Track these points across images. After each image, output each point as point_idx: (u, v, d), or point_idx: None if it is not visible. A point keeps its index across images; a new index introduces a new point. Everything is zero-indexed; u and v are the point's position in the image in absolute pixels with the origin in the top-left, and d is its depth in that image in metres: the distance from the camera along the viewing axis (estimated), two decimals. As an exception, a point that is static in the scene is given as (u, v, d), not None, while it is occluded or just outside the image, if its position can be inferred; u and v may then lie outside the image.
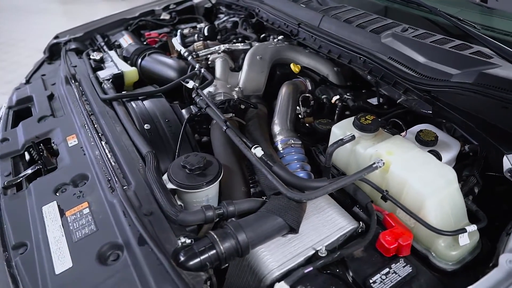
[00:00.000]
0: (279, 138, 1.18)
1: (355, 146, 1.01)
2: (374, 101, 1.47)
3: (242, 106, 1.24)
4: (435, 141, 1.05)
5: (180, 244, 0.80)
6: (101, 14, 2.20)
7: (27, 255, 0.85)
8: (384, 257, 0.85)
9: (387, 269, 0.82)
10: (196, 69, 1.43)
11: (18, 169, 1.19)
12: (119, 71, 1.49)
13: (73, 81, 1.47)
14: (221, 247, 0.78)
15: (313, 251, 0.87)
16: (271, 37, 1.69)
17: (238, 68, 1.55)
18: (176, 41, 1.71)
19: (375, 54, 1.27)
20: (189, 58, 1.51)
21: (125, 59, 1.69)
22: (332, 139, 1.09)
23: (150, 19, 2.19)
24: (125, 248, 0.82)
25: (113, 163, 1.04)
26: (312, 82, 1.48)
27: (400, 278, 0.81)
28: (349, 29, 1.38)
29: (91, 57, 1.60)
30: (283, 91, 1.37)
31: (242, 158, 1.11)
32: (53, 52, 1.94)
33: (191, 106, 1.30)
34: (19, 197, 1.04)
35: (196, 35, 1.87)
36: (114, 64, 1.57)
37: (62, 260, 0.82)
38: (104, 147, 1.11)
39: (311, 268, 0.81)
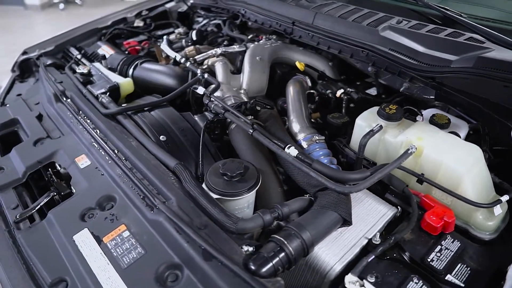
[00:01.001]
0: (301, 136, 1.18)
1: (383, 136, 1.04)
2: (371, 91, 1.53)
3: (258, 108, 1.23)
4: (449, 123, 1.12)
5: (244, 253, 0.77)
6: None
7: (72, 291, 0.78)
8: (432, 236, 0.89)
9: (439, 247, 0.86)
10: (199, 74, 1.38)
11: (23, 200, 1.07)
12: (114, 83, 1.39)
13: (64, 98, 1.35)
14: (290, 249, 0.77)
15: (366, 240, 0.89)
16: (264, 37, 1.68)
17: (237, 71, 1.53)
18: (167, 48, 1.64)
19: (376, 47, 1.32)
20: (188, 64, 1.46)
21: (110, 70, 1.58)
22: (357, 131, 1.11)
23: (125, 27, 2.08)
24: (185, 267, 0.78)
25: (142, 180, 0.97)
26: (309, 79, 1.50)
27: (453, 253, 0.85)
28: (345, 24, 1.42)
29: (77, 70, 1.48)
30: (291, 89, 1.37)
31: (270, 159, 1.11)
32: (23, 69, 1.76)
33: (205, 113, 1.25)
34: (38, 230, 0.94)
35: (183, 40, 1.80)
36: (104, 77, 1.46)
37: (117, 289, 0.76)
38: (125, 164, 1.03)
39: (373, 256, 0.83)
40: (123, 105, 1.33)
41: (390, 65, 1.29)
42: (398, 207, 0.97)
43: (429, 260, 0.83)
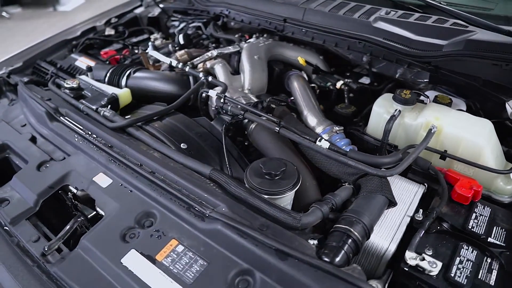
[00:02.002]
0: (319, 129, 1.20)
1: (402, 120, 1.09)
2: (363, 80, 1.59)
3: (273, 106, 1.22)
4: (451, 103, 1.21)
5: (314, 247, 0.78)
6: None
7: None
8: (463, 205, 0.96)
9: (474, 214, 0.93)
10: (202, 78, 1.34)
11: (41, 230, 0.97)
12: (113, 95, 1.30)
13: (59, 116, 1.23)
14: (356, 234, 0.79)
15: (409, 218, 0.93)
16: (254, 36, 1.67)
17: (235, 71, 1.51)
18: (158, 54, 1.56)
19: (371, 37, 1.39)
20: (187, 68, 1.40)
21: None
22: (375, 117, 1.16)
23: (98, 37, 1.94)
24: (256, 270, 0.76)
25: (180, 191, 0.92)
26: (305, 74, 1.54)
27: (487, 218, 0.92)
28: (337, 18, 1.47)
29: (65, 85, 1.35)
30: (296, 84, 1.39)
31: (298, 154, 1.11)
32: (-9, 89, 1.58)
33: (221, 116, 1.22)
34: (75, 259, 0.85)
35: (169, 45, 1.73)
36: (97, 89, 1.36)
37: (192, 306, 0.72)
38: (156, 177, 0.97)
39: (423, 232, 0.87)
40: (126, 117, 1.25)
41: (388, 53, 1.36)
42: (425, 184, 1.03)
43: (470, 227, 0.89)
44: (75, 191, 1.03)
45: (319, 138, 1.02)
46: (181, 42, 1.66)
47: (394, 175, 1.03)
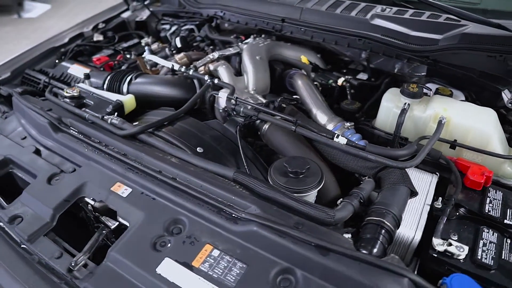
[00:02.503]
0: (331, 126, 1.22)
1: (412, 113, 1.13)
2: (360, 76, 1.63)
3: (284, 105, 1.23)
4: (452, 94, 1.26)
5: (351, 240, 0.79)
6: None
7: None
8: (476, 191, 1.01)
9: (488, 199, 0.98)
10: (208, 81, 1.33)
11: (60, 245, 0.93)
12: (118, 102, 1.26)
13: (63, 126, 1.18)
14: (388, 224, 0.81)
15: (429, 206, 0.97)
16: (252, 37, 1.67)
17: (237, 73, 1.50)
18: (158, 58, 1.53)
19: (370, 34, 1.42)
20: (191, 71, 1.38)
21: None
22: (384, 112, 1.19)
23: (88, 43, 1.87)
24: (297, 268, 0.76)
25: (207, 195, 0.91)
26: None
27: (500, 201, 0.97)
28: (335, 16, 1.49)
29: (65, 94, 1.30)
30: (300, 83, 1.40)
31: (315, 151, 1.13)
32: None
33: (233, 118, 1.21)
34: (105, 272, 0.82)
35: (166, 49, 1.70)
36: (99, 97, 1.31)
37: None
38: (179, 182, 0.95)
39: (446, 218, 0.91)
40: (134, 123, 1.22)
41: (387, 49, 1.40)
42: (437, 173, 1.08)
43: (486, 211, 0.94)
44: (92, 202, 0.99)
45: (336, 134, 1.03)
46: (178, 45, 1.63)
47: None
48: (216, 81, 1.32)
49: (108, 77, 1.45)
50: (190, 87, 1.38)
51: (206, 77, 1.34)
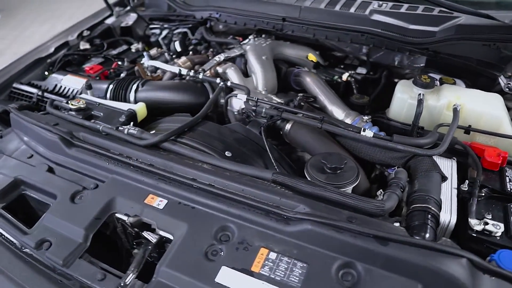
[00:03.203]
0: (348, 121, 1.24)
1: (426, 102, 1.17)
2: (359, 71, 1.67)
3: (302, 103, 1.23)
4: (455, 83, 1.33)
5: (403, 229, 0.81)
6: None
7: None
8: (494, 171, 1.07)
9: (508, 178, 1.04)
10: (221, 84, 1.30)
11: (97, 266, 0.87)
12: (131, 111, 1.20)
13: (76, 141, 1.11)
14: (435, 209, 0.84)
15: (456, 190, 1.01)
16: (253, 37, 1.65)
17: (244, 74, 1.48)
18: (162, 64, 1.47)
19: (372, 30, 1.46)
20: (201, 75, 1.35)
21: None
22: (397, 103, 1.22)
23: (77, 52, 1.77)
24: (357, 262, 0.77)
25: (251, 199, 0.89)
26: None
27: (518, 179, 1.04)
28: (335, 14, 1.52)
29: (71, 106, 1.21)
30: (309, 80, 1.41)
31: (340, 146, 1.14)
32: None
33: (256, 119, 1.20)
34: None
35: (165, 54, 1.64)
36: (108, 107, 1.25)
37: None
38: (218, 188, 0.93)
39: (476, 199, 0.96)
40: (151, 132, 1.17)
41: (389, 43, 1.45)
42: (454, 158, 1.13)
43: (509, 189, 1.00)
44: (125, 218, 0.94)
45: (363, 128, 1.05)
46: (178, 49, 1.58)
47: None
48: (229, 83, 1.30)
49: (111, 86, 1.38)
50: (201, 91, 1.34)
51: (218, 80, 1.31)
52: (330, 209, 0.85)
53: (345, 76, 1.50)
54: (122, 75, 1.56)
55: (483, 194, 1.00)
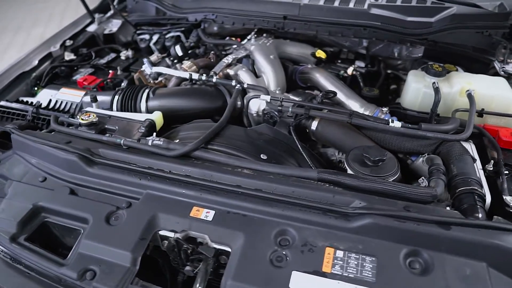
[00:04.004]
0: (368, 113, 1.26)
1: (441, 90, 1.22)
2: (357, 64, 1.71)
3: (325, 100, 1.23)
4: (457, 70, 1.40)
5: (458, 212, 0.84)
6: None
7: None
8: (509, 150, 1.14)
9: (523, 154, 1.12)
10: (238, 86, 1.26)
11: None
12: (149, 121, 1.13)
13: (97, 157, 1.02)
14: (480, 190, 0.88)
15: (482, 170, 1.06)
16: (253, 37, 1.62)
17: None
18: (169, 70, 1.40)
19: (372, 23, 1.50)
20: (214, 79, 1.30)
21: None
22: (412, 92, 1.25)
23: (62, 63, 1.63)
24: (422, 249, 0.78)
25: (304, 200, 0.88)
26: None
27: (534, 155, 1.12)
28: (335, 10, 1.54)
29: (82, 121, 1.11)
30: (320, 76, 1.41)
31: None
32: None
33: (281, 119, 1.17)
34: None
35: (166, 59, 1.56)
36: (121, 119, 1.16)
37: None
38: (266, 193, 0.90)
39: (505, 177, 1.01)
40: (175, 141, 1.11)
41: (391, 35, 1.49)
42: (470, 140, 1.19)
43: (528, 165, 1.07)
44: (171, 235, 0.88)
45: (391, 119, 1.08)
46: (180, 53, 1.51)
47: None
48: (245, 85, 1.27)
49: (117, 97, 1.29)
50: (217, 95, 1.29)
51: (234, 83, 1.27)
52: (385, 201, 0.86)
53: (350, 70, 1.52)
54: (123, 84, 1.47)
55: (507, 172, 1.06)
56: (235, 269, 0.78)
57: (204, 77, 1.30)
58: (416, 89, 1.25)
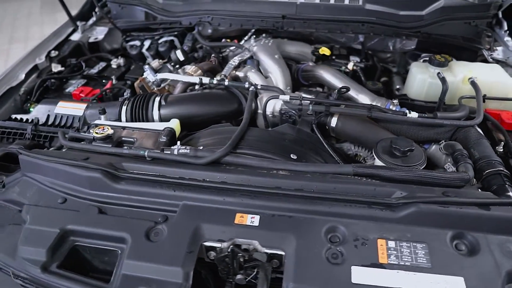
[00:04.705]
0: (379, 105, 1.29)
1: (445, 79, 1.28)
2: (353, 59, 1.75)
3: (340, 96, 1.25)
4: (452, 60, 1.47)
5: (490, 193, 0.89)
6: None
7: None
8: (508, 130, 1.22)
9: (525, 136, 1.20)
10: (251, 88, 1.24)
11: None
12: (170, 129, 1.08)
13: (122, 172, 0.97)
14: (506, 171, 0.94)
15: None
16: (253, 37, 1.61)
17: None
18: (178, 76, 1.35)
19: (369, 19, 1.54)
20: (227, 82, 1.27)
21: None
22: (418, 83, 1.31)
23: (52, 76, 1.52)
24: (466, 231, 0.82)
25: (346, 195, 0.88)
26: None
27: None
28: (332, 7, 1.57)
29: (97, 135, 1.04)
30: (326, 73, 1.43)
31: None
32: None
33: (303, 118, 1.18)
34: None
35: (168, 65, 1.50)
36: (138, 130, 1.11)
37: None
38: (307, 192, 0.90)
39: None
40: (199, 147, 1.08)
41: (387, 30, 1.54)
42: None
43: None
44: (218, 245, 0.85)
45: (408, 111, 1.12)
46: (181, 58, 1.47)
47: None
48: (259, 86, 1.26)
49: (125, 107, 1.23)
50: (231, 99, 1.27)
51: (246, 85, 1.26)
52: (423, 189, 0.89)
53: (350, 66, 1.56)
54: (126, 94, 1.40)
55: (513, 156, 1.13)
56: (294, 271, 0.78)
57: (215, 81, 1.28)
58: (422, 80, 1.31)
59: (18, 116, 1.33)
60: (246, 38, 1.64)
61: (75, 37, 1.81)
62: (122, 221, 0.90)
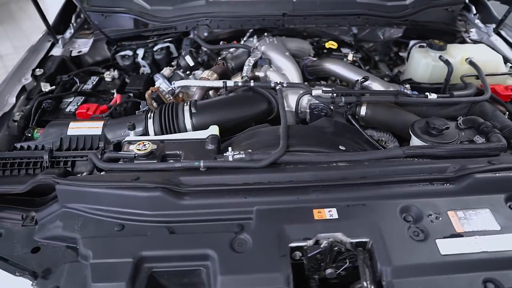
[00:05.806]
0: (393, 91, 1.38)
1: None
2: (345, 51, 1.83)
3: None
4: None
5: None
6: None
7: None
8: (505, 102, 1.38)
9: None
10: (278, 86, 1.25)
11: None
12: (214, 136, 1.04)
13: (184, 188, 0.92)
14: None
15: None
16: (255, 37, 1.60)
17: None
18: (196, 81, 1.29)
19: (362, 11, 1.62)
20: (252, 83, 1.25)
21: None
22: (423, 68, 1.43)
23: (50, 96, 1.37)
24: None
25: (410, 176, 0.94)
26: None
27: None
28: (327, 2, 1.62)
29: (139, 152, 0.97)
30: (334, 65, 1.47)
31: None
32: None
33: (337, 110, 1.21)
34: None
35: (178, 71, 1.43)
36: (178, 142, 1.05)
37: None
38: (372, 178, 0.94)
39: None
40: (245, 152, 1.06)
41: (379, 20, 1.64)
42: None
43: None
44: (304, 244, 0.85)
45: (428, 93, 1.21)
46: (191, 63, 1.42)
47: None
48: (285, 84, 1.26)
49: (151, 120, 1.16)
50: (260, 99, 1.26)
51: (273, 84, 1.26)
52: (470, 161, 0.98)
53: (350, 57, 1.63)
54: (142, 106, 1.32)
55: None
56: (386, 254, 0.81)
57: (240, 83, 1.26)
58: (426, 64, 1.42)
59: (24, 144, 1.18)
60: (245, 38, 1.63)
61: (57, 52, 1.64)
62: (199, 238, 0.86)
